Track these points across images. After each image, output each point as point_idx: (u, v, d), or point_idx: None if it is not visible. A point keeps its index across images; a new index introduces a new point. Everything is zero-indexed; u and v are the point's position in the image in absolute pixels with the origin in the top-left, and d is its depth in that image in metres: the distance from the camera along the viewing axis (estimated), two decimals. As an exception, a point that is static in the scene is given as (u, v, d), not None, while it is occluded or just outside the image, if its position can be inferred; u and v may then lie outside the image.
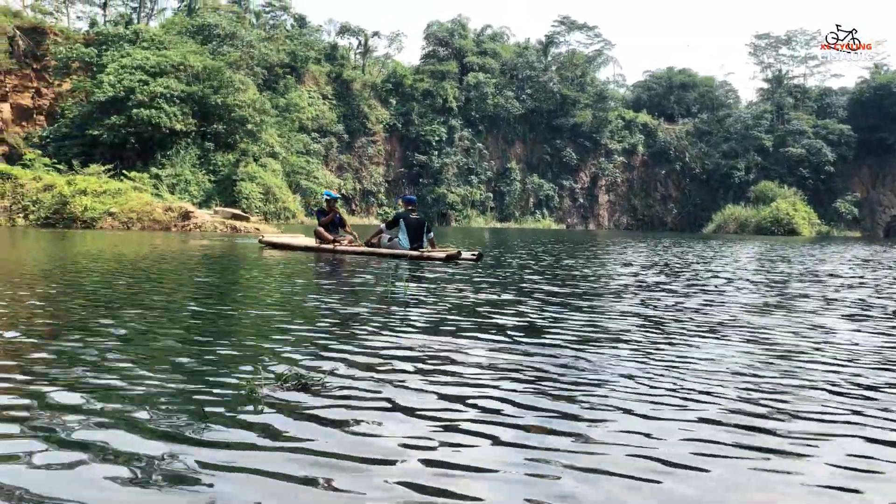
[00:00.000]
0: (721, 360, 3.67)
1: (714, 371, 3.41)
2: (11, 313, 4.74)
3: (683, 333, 4.50)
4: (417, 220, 11.34)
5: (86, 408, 2.55)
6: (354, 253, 11.50)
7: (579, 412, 2.67)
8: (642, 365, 3.49)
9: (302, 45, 62.99)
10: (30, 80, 47.57)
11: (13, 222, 23.29)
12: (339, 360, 3.43)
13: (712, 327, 4.80)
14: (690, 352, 3.89)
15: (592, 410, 2.70)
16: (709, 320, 5.15)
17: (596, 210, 78.94)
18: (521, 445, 2.30)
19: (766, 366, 3.57)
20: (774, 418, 2.66)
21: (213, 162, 44.02)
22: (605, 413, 2.67)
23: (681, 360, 3.65)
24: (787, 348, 4.10)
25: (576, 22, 79.65)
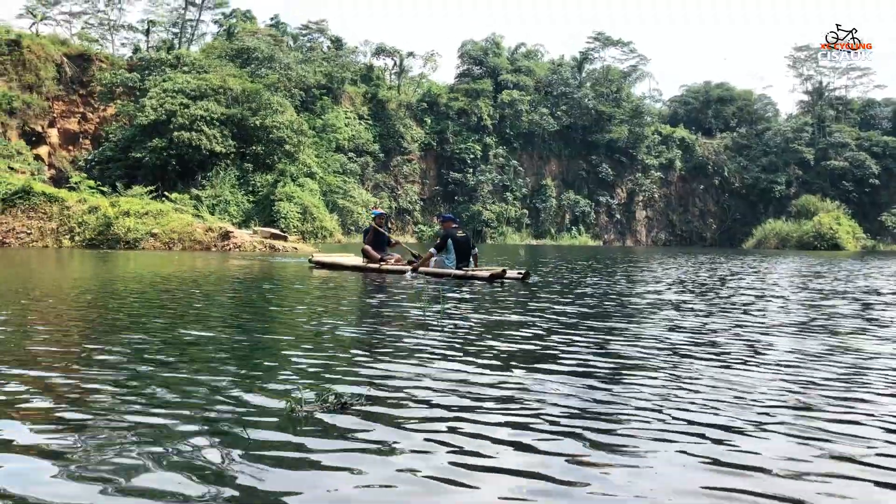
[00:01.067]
0: (752, 389, 3.58)
1: (747, 399, 3.32)
2: (53, 331, 4.84)
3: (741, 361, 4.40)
4: (465, 238, 11.17)
5: (127, 425, 2.58)
6: (401, 272, 11.36)
7: (613, 440, 2.62)
8: (676, 393, 3.42)
9: (338, 67, 63.90)
10: (76, 106, 49.05)
11: (60, 244, 23.89)
12: (377, 380, 3.43)
13: (750, 349, 4.70)
14: (727, 376, 3.80)
15: (628, 439, 2.64)
16: (745, 341, 5.04)
17: (633, 226, 78.19)
18: (556, 480, 2.26)
19: (808, 392, 3.47)
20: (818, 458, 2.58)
21: (252, 182, 44.75)
22: (639, 443, 2.62)
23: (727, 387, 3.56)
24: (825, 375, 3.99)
25: (610, 38, 79.51)
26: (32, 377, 3.38)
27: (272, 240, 25.73)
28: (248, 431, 2.51)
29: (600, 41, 79.53)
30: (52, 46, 48.63)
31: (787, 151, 77.01)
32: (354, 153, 60.17)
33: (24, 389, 3.12)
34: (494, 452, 2.39)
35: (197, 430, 2.55)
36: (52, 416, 2.73)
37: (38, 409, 2.82)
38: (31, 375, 3.41)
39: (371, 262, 12.30)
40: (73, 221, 24.69)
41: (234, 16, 65.15)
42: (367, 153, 61.68)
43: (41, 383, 3.26)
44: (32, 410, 2.79)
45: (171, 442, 2.40)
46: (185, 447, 2.35)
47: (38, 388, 3.17)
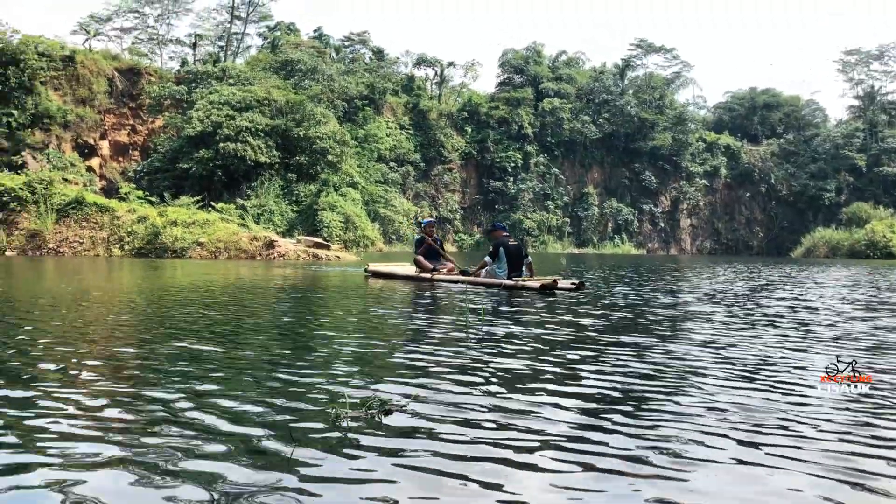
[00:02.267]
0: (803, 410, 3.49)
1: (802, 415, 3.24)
2: (105, 337, 4.97)
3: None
4: (516, 247, 10.95)
5: (175, 430, 2.63)
6: (451, 281, 11.27)
7: (654, 455, 2.58)
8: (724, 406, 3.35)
9: (380, 78, 64.51)
10: (126, 118, 50.41)
11: (110, 252, 24.53)
12: (421, 386, 3.43)
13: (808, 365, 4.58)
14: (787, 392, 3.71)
15: (679, 446, 2.60)
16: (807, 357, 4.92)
17: (677, 234, 77.05)
18: (603, 490, 2.23)
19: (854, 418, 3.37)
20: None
21: (296, 192, 45.35)
22: (691, 461, 2.57)
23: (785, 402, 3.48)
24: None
25: (653, 45, 78.69)
26: (85, 381, 3.47)
27: (315, 249, 26.05)
28: (295, 438, 2.54)
29: (643, 48, 78.79)
30: (104, 61, 50.10)
31: (836, 158, 75.13)
32: (396, 163, 60.60)
33: (77, 393, 3.20)
34: (535, 460, 2.37)
35: (245, 434, 2.58)
36: (101, 420, 2.79)
37: (88, 413, 2.89)
38: (83, 379, 3.51)
39: (423, 272, 12.26)
40: (123, 231, 25.35)
41: (279, 29, 66.30)
42: (409, 163, 62.07)
43: (92, 388, 3.34)
44: (83, 415, 2.86)
45: (217, 449, 2.43)
46: (233, 454, 2.39)
47: (90, 392, 3.25)
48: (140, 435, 2.58)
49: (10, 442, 2.50)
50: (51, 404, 2.99)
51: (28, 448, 2.43)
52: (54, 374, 3.66)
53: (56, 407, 2.95)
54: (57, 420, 2.75)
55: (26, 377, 3.55)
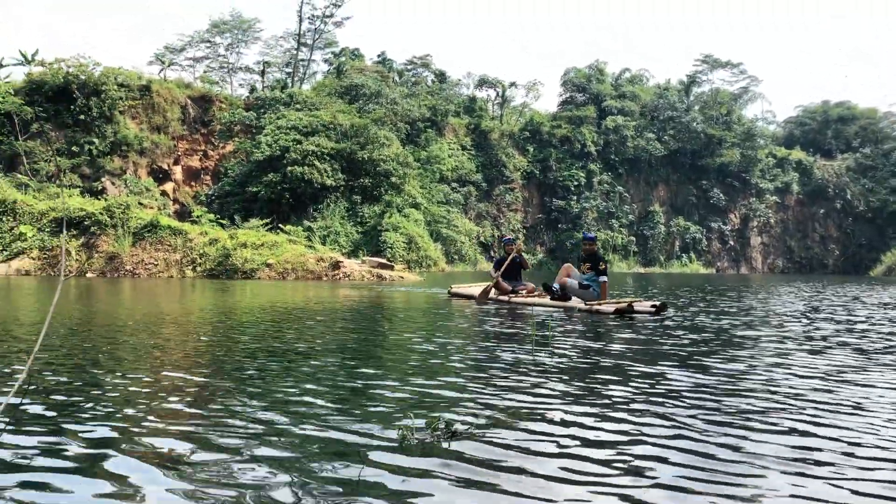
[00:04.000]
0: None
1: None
2: (179, 356, 5.13)
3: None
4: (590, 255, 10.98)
5: (244, 450, 2.70)
6: (527, 304, 11.02)
7: (727, 478, 2.51)
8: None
9: (442, 100, 65.14)
10: (198, 144, 52.25)
11: (183, 274, 25.36)
12: (486, 408, 3.43)
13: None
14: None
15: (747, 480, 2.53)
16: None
17: (748, 253, 74.80)
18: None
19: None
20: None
21: (360, 214, 46.08)
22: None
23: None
24: None
25: (719, 60, 77.12)
26: (161, 398, 3.59)
27: (379, 269, 26.35)
28: (363, 459, 2.57)
29: (708, 63, 77.30)
30: (178, 90, 52.14)
31: (918, 172, 71.93)
32: (458, 183, 60.91)
33: (155, 409, 3.32)
34: (607, 484, 2.34)
35: (315, 453, 2.63)
36: (174, 435, 2.89)
37: (164, 429, 2.99)
38: (160, 396, 3.64)
39: (502, 293, 12.07)
40: (196, 253, 26.17)
41: (343, 54, 67.80)
42: (470, 183, 62.28)
43: (168, 404, 3.46)
44: (161, 431, 2.97)
45: (286, 470, 2.48)
46: (300, 472, 2.43)
47: (165, 409, 3.36)
48: (203, 450, 2.66)
49: (94, 445, 2.61)
50: (128, 425, 3.11)
51: (108, 455, 2.54)
52: (134, 392, 3.81)
53: (132, 426, 3.07)
54: (134, 439, 2.86)
55: (113, 391, 3.70)
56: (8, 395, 2.50)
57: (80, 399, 3.60)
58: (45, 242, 26.27)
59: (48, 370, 4.43)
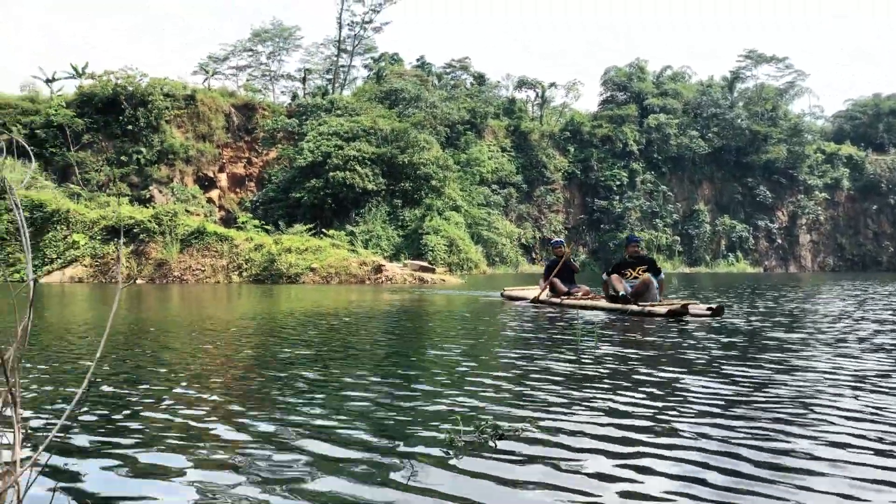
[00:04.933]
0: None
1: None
2: (228, 360, 5.23)
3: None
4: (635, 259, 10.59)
5: (295, 447, 2.73)
6: (581, 306, 10.67)
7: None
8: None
9: (481, 102, 65.14)
10: (242, 152, 53.17)
11: (230, 279, 25.82)
12: (534, 410, 3.42)
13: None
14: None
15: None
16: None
17: (797, 251, 73.07)
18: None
19: None
20: None
21: (401, 217, 46.36)
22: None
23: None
24: None
25: (763, 55, 75.54)
26: (212, 400, 3.66)
27: (421, 272, 26.46)
28: (411, 462, 2.59)
29: (752, 59, 75.79)
30: (222, 98, 53.16)
31: (975, 164, 69.45)
32: (498, 185, 60.82)
33: (202, 413, 3.39)
34: (656, 489, 2.31)
35: (360, 459, 2.65)
36: (223, 439, 2.94)
37: (210, 433, 3.05)
38: (207, 399, 3.70)
39: (555, 295, 11.81)
40: (241, 258, 26.63)
41: (383, 59, 68.30)
42: (511, 185, 62.13)
43: (215, 408, 3.52)
44: (208, 435, 3.02)
45: (335, 471, 2.51)
46: (350, 474, 2.46)
47: (213, 413, 3.43)
48: (257, 454, 2.70)
49: (139, 448, 2.68)
50: (178, 422, 3.18)
51: (162, 459, 2.60)
52: (185, 396, 3.89)
53: (182, 423, 3.13)
54: (183, 437, 2.93)
55: (166, 397, 3.79)
56: (72, 402, 2.58)
57: (134, 403, 3.69)
58: (96, 250, 27.00)
59: (104, 374, 4.56)
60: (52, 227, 27.85)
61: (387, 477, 2.43)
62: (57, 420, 3.25)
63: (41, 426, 3.13)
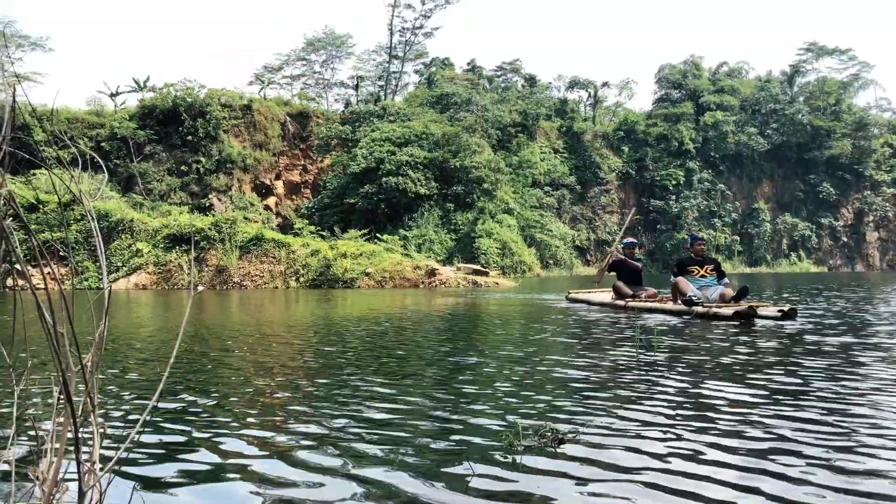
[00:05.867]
0: None
1: None
2: (289, 362, 5.33)
3: None
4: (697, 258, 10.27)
5: (352, 450, 2.77)
6: (646, 310, 10.31)
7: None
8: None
9: (533, 104, 64.87)
10: (298, 159, 54.16)
11: (287, 285, 26.30)
12: (592, 415, 3.40)
13: None
14: None
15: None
16: None
17: (863, 249, 70.50)
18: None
19: None
20: None
21: (454, 221, 46.49)
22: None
23: None
24: None
25: (825, 47, 73.23)
26: (274, 403, 3.74)
27: (474, 275, 26.49)
28: (472, 465, 2.60)
29: (813, 52, 73.54)
30: (277, 107, 54.28)
31: None
32: (550, 187, 60.45)
33: (268, 417, 3.47)
34: (710, 493, 2.28)
35: (419, 462, 2.68)
36: (275, 444, 3.00)
37: (261, 441, 3.12)
38: (272, 402, 3.79)
39: (619, 298, 11.53)
40: (298, 264, 27.10)
41: (434, 64, 68.68)
42: (564, 186, 61.67)
43: (266, 416, 3.60)
44: (274, 439, 3.09)
45: (394, 477, 2.54)
46: (410, 480, 2.48)
47: (264, 420, 3.50)
48: (315, 452, 2.75)
49: (188, 447, 2.76)
50: (247, 423, 3.26)
51: (227, 462, 2.68)
52: (247, 399, 3.98)
53: (249, 426, 3.21)
54: (250, 441, 3.00)
55: (228, 395, 3.89)
56: (150, 402, 2.67)
57: (204, 407, 3.80)
58: (159, 258, 27.85)
59: (174, 379, 4.70)
60: (117, 235, 28.85)
61: (447, 479, 2.45)
62: (131, 424, 3.38)
63: (117, 431, 3.25)
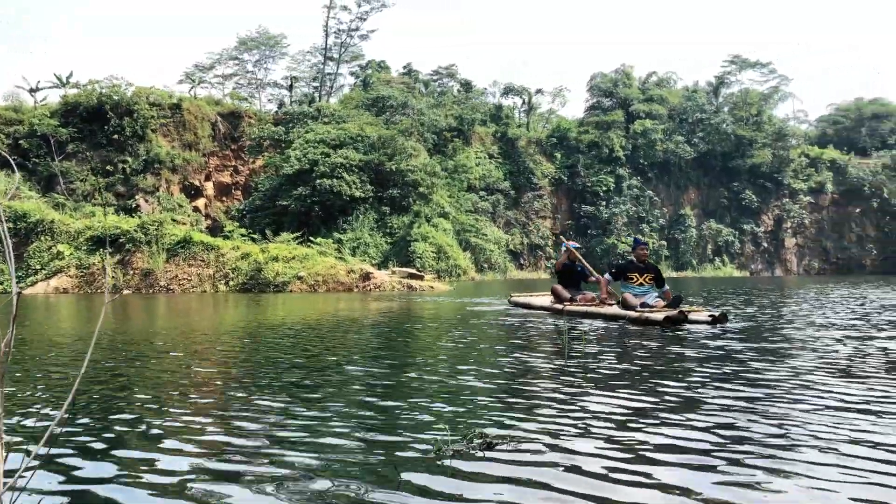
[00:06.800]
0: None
1: None
2: (212, 371, 5.20)
3: None
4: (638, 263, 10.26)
5: (280, 459, 2.72)
6: (583, 314, 10.19)
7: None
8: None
9: (468, 109, 65.27)
10: (229, 160, 53.02)
11: (216, 288, 25.69)
12: (521, 419, 3.43)
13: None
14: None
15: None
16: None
17: (782, 255, 73.57)
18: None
19: None
20: None
21: (389, 224, 46.33)
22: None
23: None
24: None
25: (748, 60, 76.22)
26: (191, 410, 3.64)
27: (409, 279, 26.45)
28: (398, 470, 2.58)
29: (737, 64, 76.46)
30: (208, 107, 53.03)
31: (958, 167, 70.24)
32: (486, 191, 60.91)
33: (189, 422, 3.37)
34: (637, 498, 2.33)
35: (348, 469, 2.65)
36: (210, 448, 2.93)
37: (198, 441, 3.04)
38: (193, 408, 3.69)
39: (558, 301, 11.35)
40: (228, 267, 26.50)
41: (370, 67, 68.35)
42: (498, 191, 62.24)
43: (201, 416, 3.51)
44: (191, 442, 3.01)
45: (320, 481, 2.51)
46: (337, 486, 2.45)
47: (194, 424, 3.41)
48: (242, 463, 2.69)
49: (120, 455, 2.66)
50: (166, 429, 3.17)
51: (145, 470, 2.59)
52: (168, 407, 3.87)
53: (169, 431, 3.12)
54: (170, 447, 2.91)
55: (149, 408, 3.77)
56: (60, 411, 2.57)
57: (121, 413, 3.67)
58: (81, 261, 26.79)
59: (90, 385, 4.52)
60: (36, 237, 27.64)
61: (375, 486, 2.43)
62: (41, 433, 3.23)
63: (25, 439, 3.10)
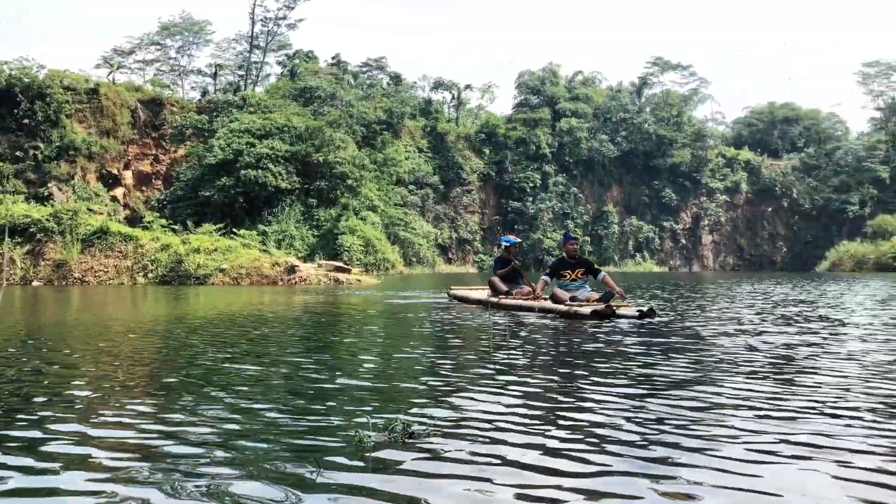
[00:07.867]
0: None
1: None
2: (128, 365, 5.03)
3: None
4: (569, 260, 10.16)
5: (199, 455, 2.66)
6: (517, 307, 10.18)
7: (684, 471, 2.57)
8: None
9: (398, 102, 64.99)
10: (149, 148, 51.19)
11: (134, 281, 24.82)
12: (444, 408, 3.44)
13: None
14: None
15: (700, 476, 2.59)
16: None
17: (700, 251, 76.42)
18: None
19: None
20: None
21: (316, 217, 45.72)
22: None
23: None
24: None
25: (669, 62, 78.67)
26: (111, 407, 3.52)
27: (336, 273, 26.18)
28: (319, 461, 2.56)
29: (659, 66, 78.81)
30: (128, 93, 51.03)
31: (859, 171, 74.29)
32: (415, 185, 60.85)
33: (101, 421, 3.25)
34: (557, 483, 2.37)
35: (268, 458, 2.60)
36: (121, 445, 2.83)
37: (116, 438, 2.93)
38: (109, 406, 3.56)
39: (494, 294, 11.41)
40: (147, 259, 25.65)
41: (297, 57, 67.16)
42: (427, 185, 62.27)
43: (118, 413, 3.39)
44: (113, 440, 2.91)
45: (241, 475, 2.46)
46: (256, 476, 2.41)
47: (116, 418, 3.29)
48: (158, 459, 2.61)
49: (39, 455, 2.55)
50: (76, 429, 3.04)
51: (53, 459, 2.48)
52: (83, 403, 3.72)
53: (80, 431, 3.00)
54: (80, 443, 2.80)
55: (60, 404, 3.61)
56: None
57: (27, 413, 3.50)
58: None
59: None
60: (-64, 225, 26.06)
61: (295, 480, 2.39)
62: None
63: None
